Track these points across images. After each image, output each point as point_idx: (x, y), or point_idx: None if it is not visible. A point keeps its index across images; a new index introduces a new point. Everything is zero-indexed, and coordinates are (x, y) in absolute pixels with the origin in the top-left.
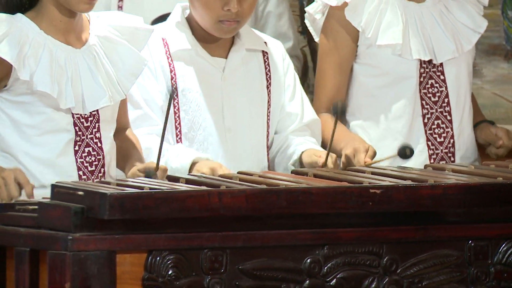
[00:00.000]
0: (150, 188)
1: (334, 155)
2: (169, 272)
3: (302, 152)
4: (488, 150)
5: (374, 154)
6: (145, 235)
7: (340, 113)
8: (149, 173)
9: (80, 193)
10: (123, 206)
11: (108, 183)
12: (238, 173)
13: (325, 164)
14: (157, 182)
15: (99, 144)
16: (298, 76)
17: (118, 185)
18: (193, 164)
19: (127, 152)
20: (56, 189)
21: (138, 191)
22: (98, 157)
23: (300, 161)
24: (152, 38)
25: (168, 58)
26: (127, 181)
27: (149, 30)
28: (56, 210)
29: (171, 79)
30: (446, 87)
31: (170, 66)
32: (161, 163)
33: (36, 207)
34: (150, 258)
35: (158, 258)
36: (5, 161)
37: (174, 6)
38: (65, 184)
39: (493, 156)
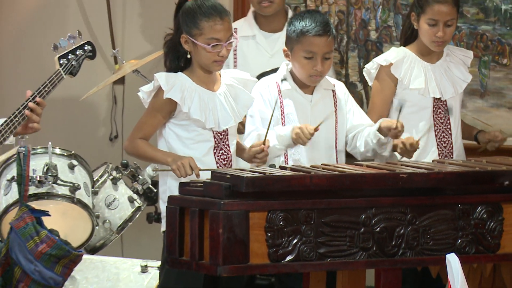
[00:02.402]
0: (270, 173)
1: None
2: (280, 223)
3: (380, 123)
4: (488, 145)
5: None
6: (266, 201)
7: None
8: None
9: (228, 176)
10: (254, 183)
11: (244, 170)
12: (321, 164)
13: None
14: (273, 170)
15: (228, 148)
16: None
17: (250, 171)
18: (292, 130)
19: (240, 146)
20: (214, 173)
21: (262, 175)
22: (228, 155)
23: (379, 127)
24: (271, 82)
25: (279, 94)
26: (255, 169)
27: (254, 81)
28: (214, 186)
29: (281, 107)
30: (448, 113)
31: (280, 99)
32: (271, 134)
33: (202, 184)
34: (269, 215)
35: (273, 215)
36: None
37: (269, 66)
38: (219, 170)
39: (491, 149)
